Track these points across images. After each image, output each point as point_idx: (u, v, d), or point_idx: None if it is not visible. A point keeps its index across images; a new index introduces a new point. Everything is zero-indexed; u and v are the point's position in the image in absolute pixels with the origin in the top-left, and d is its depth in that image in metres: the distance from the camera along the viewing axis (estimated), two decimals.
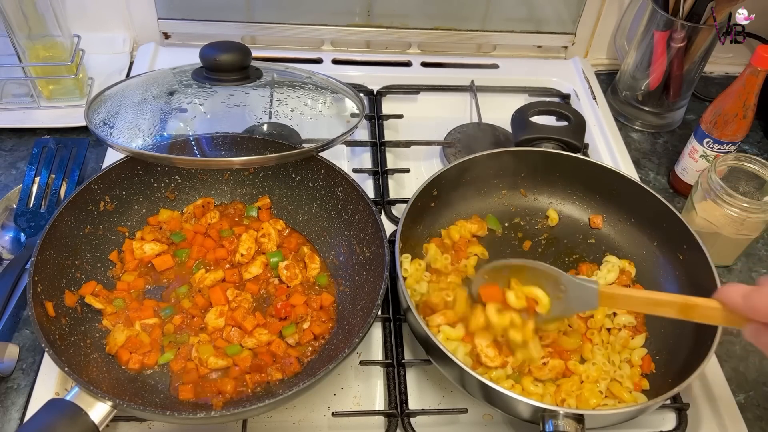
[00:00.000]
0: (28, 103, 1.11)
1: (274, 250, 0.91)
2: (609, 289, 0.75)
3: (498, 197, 1.00)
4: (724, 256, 1.01)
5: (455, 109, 1.23)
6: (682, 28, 1.11)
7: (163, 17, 1.24)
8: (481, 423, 0.81)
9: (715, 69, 1.41)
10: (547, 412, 0.69)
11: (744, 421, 0.83)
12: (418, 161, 1.13)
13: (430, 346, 0.75)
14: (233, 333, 0.81)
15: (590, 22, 1.32)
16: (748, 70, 0.96)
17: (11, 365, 0.82)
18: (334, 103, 0.97)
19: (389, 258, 0.81)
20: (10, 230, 0.95)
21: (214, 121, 0.91)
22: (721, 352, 0.92)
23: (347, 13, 1.26)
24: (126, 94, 0.91)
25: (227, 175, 0.97)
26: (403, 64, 1.31)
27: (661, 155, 1.22)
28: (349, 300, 0.86)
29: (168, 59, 1.21)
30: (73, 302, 0.81)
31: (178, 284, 0.87)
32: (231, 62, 0.87)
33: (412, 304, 0.77)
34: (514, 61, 1.34)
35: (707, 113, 1.03)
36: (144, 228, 0.92)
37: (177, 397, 0.76)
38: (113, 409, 0.66)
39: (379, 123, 1.16)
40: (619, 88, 1.28)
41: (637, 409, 0.72)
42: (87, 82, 1.16)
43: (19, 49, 1.05)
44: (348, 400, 0.82)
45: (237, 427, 0.77)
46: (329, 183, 0.92)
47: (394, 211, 1.02)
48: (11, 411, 0.79)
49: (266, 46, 1.30)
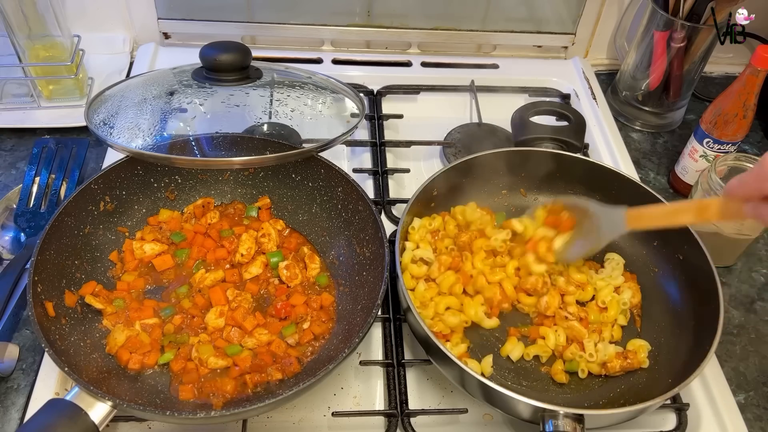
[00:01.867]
0: (28, 103, 1.11)
1: (274, 250, 0.91)
2: (634, 210, 0.80)
3: (498, 197, 1.00)
4: (724, 256, 1.01)
5: (455, 109, 1.23)
6: (682, 28, 1.11)
7: (163, 17, 1.25)
8: (481, 423, 0.81)
9: (715, 69, 1.41)
10: (546, 412, 0.69)
11: (744, 421, 0.83)
12: (418, 161, 1.13)
13: (430, 346, 0.75)
14: (233, 333, 0.81)
15: (590, 22, 1.32)
16: (748, 70, 0.96)
17: (11, 365, 0.82)
18: (334, 103, 0.97)
19: (389, 258, 0.81)
20: (10, 230, 0.95)
21: (214, 121, 0.91)
22: (721, 352, 0.92)
23: (347, 13, 1.26)
24: (126, 94, 0.91)
25: (227, 175, 0.97)
26: (403, 64, 1.31)
27: (661, 155, 1.22)
28: (349, 300, 0.86)
29: (168, 59, 1.21)
30: (73, 302, 0.81)
31: (178, 284, 0.87)
32: (231, 62, 0.87)
33: (413, 304, 0.77)
34: (514, 61, 1.34)
35: (707, 113, 1.04)
36: (144, 228, 0.92)
37: (177, 397, 0.76)
38: (113, 409, 0.66)
39: (379, 123, 1.16)
40: (619, 88, 1.28)
41: (637, 409, 0.72)
42: (87, 82, 1.16)
43: (19, 49, 1.06)
44: (348, 400, 0.82)
45: (237, 427, 0.77)
46: (329, 183, 0.92)
47: (394, 211, 1.02)
48: (11, 411, 0.79)
49: (266, 46, 1.30)
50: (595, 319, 0.87)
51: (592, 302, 0.89)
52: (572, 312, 0.86)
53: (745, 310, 0.98)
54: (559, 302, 0.87)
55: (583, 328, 0.85)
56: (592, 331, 0.85)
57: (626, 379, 0.83)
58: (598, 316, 0.87)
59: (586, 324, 0.86)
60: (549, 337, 0.84)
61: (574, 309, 0.87)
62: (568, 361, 0.83)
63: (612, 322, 0.87)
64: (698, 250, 0.85)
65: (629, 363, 0.82)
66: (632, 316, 0.90)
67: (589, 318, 0.87)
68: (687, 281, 0.88)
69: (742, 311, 0.98)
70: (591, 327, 0.86)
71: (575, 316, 0.86)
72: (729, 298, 0.99)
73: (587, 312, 0.87)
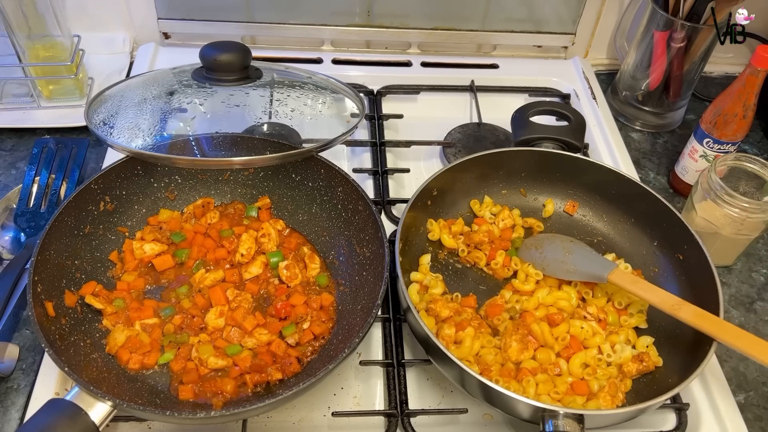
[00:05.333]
0: (28, 103, 1.11)
1: (274, 250, 0.91)
2: (618, 276, 0.85)
3: (498, 197, 1.00)
4: (724, 256, 1.01)
5: (455, 109, 1.23)
6: (682, 28, 1.11)
7: (163, 17, 1.24)
8: (481, 423, 0.81)
9: (715, 69, 1.41)
10: (547, 412, 0.69)
11: (744, 421, 0.83)
12: (418, 161, 1.13)
13: (430, 346, 0.75)
14: (233, 333, 0.81)
15: (590, 22, 1.32)
16: (748, 70, 0.96)
17: (11, 365, 0.82)
18: (334, 103, 0.97)
19: (389, 258, 0.81)
20: (10, 230, 0.95)
21: (214, 121, 0.91)
22: (721, 352, 0.92)
23: (347, 13, 1.26)
24: (126, 94, 0.91)
25: (227, 175, 0.97)
26: (403, 64, 1.31)
27: (661, 155, 1.22)
28: (349, 300, 0.86)
29: (168, 59, 1.21)
30: (73, 302, 0.81)
31: (178, 284, 0.87)
32: (231, 62, 0.87)
33: (412, 304, 0.77)
34: (514, 61, 1.34)
35: (707, 113, 1.03)
36: (144, 228, 0.92)
37: (177, 397, 0.76)
38: (113, 409, 0.66)
39: (379, 123, 1.16)
40: (619, 88, 1.28)
41: (637, 409, 0.72)
42: (87, 82, 1.16)
43: (19, 49, 1.05)
44: (348, 400, 0.82)
45: (237, 427, 0.77)
46: (329, 183, 0.92)
47: (394, 211, 1.02)
48: (11, 411, 0.79)
49: (266, 46, 1.30)
50: (613, 321, 0.86)
51: (609, 304, 0.89)
52: (591, 312, 0.86)
53: (745, 310, 0.98)
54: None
55: (601, 329, 0.84)
56: (610, 333, 0.85)
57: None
58: (617, 318, 0.87)
59: (604, 325, 0.85)
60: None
61: (593, 310, 0.86)
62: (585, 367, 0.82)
63: (631, 323, 0.87)
64: (698, 250, 0.85)
65: (645, 366, 0.81)
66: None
67: (607, 320, 0.86)
68: (687, 281, 0.88)
69: (742, 311, 0.98)
70: (609, 329, 0.85)
71: (594, 317, 0.86)
72: (729, 298, 0.99)
73: (606, 313, 0.87)
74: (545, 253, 0.92)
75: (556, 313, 0.85)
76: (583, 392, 0.78)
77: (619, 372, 0.82)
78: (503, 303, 0.87)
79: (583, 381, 0.80)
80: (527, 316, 0.85)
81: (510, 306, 0.87)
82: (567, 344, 0.82)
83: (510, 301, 0.88)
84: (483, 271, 0.93)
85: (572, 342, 0.82)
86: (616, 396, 0.78)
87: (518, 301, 0.87)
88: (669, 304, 0.80)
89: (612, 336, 0.84)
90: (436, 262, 0.93)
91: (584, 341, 0.83)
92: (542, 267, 0.91)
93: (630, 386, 0.81)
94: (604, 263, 0.88)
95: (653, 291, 0.83)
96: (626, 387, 0.81)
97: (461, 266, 0.94)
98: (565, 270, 0.90)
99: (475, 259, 0.93)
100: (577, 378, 0.80)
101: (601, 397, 0.78)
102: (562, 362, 0.81)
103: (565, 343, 0.82)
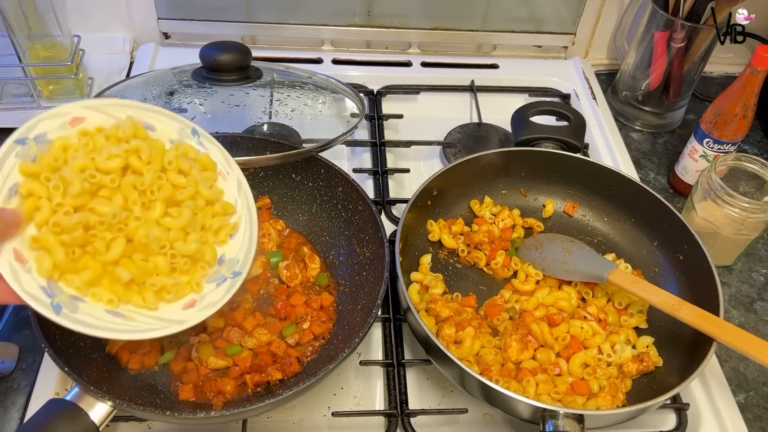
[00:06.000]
0: (28, 103, 1.11)
1: (274, 250, 0.91)
2: (618, 276, 0.85)
3: (498, 197, 1.00)
4: (724, 256, 1.01)
5: (455, 109, 1.23)
6: (682, 28, 1.11)
7: (163, 17, 1.25)
8: (481, 423, 0.81)
9: (715, 69, 1.41)
10: (547, 412, 0.69)
11: (744, 421, 0.83)
12: (418, 161, 1.13)
13: (430, 346, 0.75)
14: (233, 333, 0.81)
15: (590, 22, 1.32)
16: (748, 70, 0.96)
17: (11, 365, 0.82)
18: (334, 103, 0.97)
19: (389, 258, 0.81)
20: None
21: (214, 121, 0.91)
22: (721, 352, 0.92)
23: (347, 13, 1.26)
24: (126, 94, 0.91)
25: None
26: (403, 64, 1.31)
27: (661, 155, 1.22)
28: (349, 300, 0.86)
29: (168, 59, 1.21)
30: None
31: None
32: (231, 62, 0.87)
33: (413, 304, 0.77)
34: (514, 61, 1.34)
35: (707, 113, 1.03)
36: None
37: (177, 397, 0.76)
38: (113, 409, 0.66)
39: (379, 123, 1.16)
40: (619, 88, 1.28)
41: (637, 409, 0.72)
42: (87, 82, 1.16)
43: (19, 49, 1.05)
44: (348, 400, 0.82)
45: (237, 427, 0.77)
46: (329, 183, 0.92)
47: (394, 211, 1.02)
48: (11, 411, 0.79)
49: (266, 46, 1.30)
50: (613, 321, 0.86)
51: (609, 304, 0.89)
52: (591, 312, 0.86)
53: (745, 310, 0.98)
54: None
55: (601, 329, 0.84)
56: (610, 333, 0.85)
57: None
58: (617, 318, 0.87)
59: (604, 325, 0.85)
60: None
61: (593, 309, 0.86)
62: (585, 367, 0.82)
63: (631, 323, 0.87)
64: (698, 250, 0.85)
65: (645, 366, 0.81)
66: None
67: (607, 320, 0.86)
68: (687, 281, 0.88)
69: (742, 311, 0.98)
70: (609, 329, 0.85)
71: (594, 317, 0.86)
72: (729, 298, 0.99)
73: (606, 313, 0.87)
74: (545, 253, 0.92)
75: (556, 313, 0.85)
76: (583, 392, 0.78)
77: (619, 372, 0.82)
78: (503, 303, 0.88)
79: (583, 381, 0.80)
80: (527, 316, 0.85)
81: (510, 306, 0.87)
82: (567, 344, 0.82)
83: (510, 301, 0.88)
84: (483, 271, 0.93)
85: (572, 342, 0.82)
86: (616, 396, 0.78)
87: (518, 301, 0.87)
88: (669, 304, 0.80)
89: (612, 336, 0.84)
90: (436, 262, 0.93)
91: (584, 341, 0.83)
92: (542, 267, 0.91)
93: (630, 386, 0.81)
94: (604, 263, 0.88)
95: (653, 291, 0.83)
96: (626, 387, 0.81)
97: (461, 266, 0.94)
98: (565, 270, 0.90)
99: (475, 259, 0.93)
100: (577, 378, 0.80)
101: (601, 397, 0.78)
102: (562, 362, 0.81)
103: (565, 343, 0.83)
